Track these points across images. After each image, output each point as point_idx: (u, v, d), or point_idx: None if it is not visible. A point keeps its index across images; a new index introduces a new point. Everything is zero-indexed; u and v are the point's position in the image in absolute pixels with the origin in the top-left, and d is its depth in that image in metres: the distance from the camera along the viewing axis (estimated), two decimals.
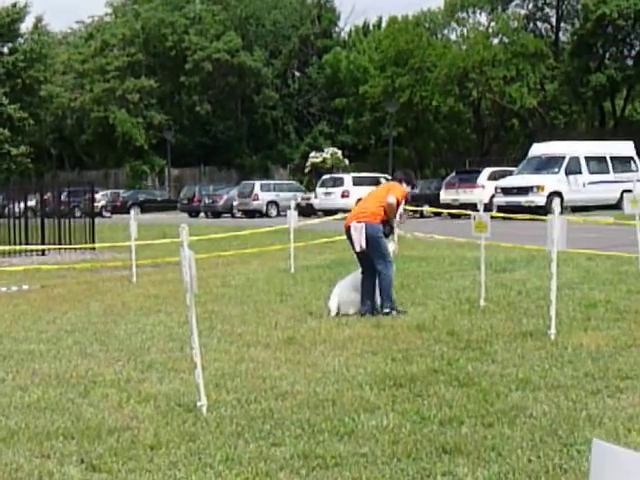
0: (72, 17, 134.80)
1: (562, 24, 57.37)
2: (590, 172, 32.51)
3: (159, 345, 8.43)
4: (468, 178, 35.43)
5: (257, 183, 44.39)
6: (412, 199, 10.87)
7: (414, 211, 28.46)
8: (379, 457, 4.95)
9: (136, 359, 7.77)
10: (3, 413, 6.12)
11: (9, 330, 9.63)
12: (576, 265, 13.59)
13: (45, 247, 20.21)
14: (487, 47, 52.78)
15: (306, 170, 53.71)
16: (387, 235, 10.06)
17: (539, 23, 58.54)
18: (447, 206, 32.05)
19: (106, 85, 63.17)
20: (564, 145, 33.76)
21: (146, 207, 51.25)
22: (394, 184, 10.39)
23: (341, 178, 40.08)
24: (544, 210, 26.82)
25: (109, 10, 71.47)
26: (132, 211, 18.91)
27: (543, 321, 8.57)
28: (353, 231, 9.84)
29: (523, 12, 57.54)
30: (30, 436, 5.54)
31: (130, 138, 62.12)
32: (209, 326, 9.29)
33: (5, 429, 5.72)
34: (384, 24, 62.95)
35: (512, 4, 57.19)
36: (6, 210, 21.42)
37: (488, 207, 25.85)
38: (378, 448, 5.09)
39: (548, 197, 30.17)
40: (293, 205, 17.13)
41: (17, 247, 19.73)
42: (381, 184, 12.88)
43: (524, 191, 31.02)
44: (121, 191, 56.06)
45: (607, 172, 32.99)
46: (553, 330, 7.99)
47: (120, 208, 49.71)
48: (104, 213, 46.80)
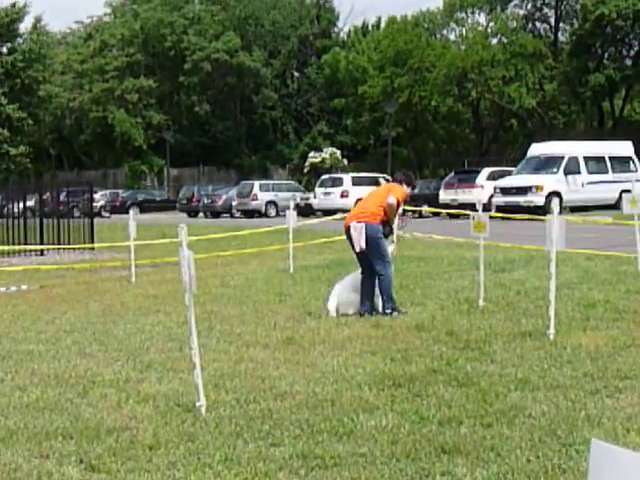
0: (71, 17, 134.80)
1: (561, 24, 57.41)
2: (589, 172, 32.52)
3: (158, 345, 8.43)
4: (467, 178, 35.44)
5: (256, 183, 44.40)
6: (411, 199, 10.86)
7: (413, 211, 28.45)
8: (378, 457, 4.95)
9: (135, 359, 7.77)
10: (2, 413, 6.12)
11: (8, 330, 9.62)
12: (575, 265, 13.59)
13: (44, 247, 20.21)
14: (486, 47, 52.79)
15: (305, 170, 53.71)
16: (387, 236, 10.06)
17: (538, 23, 58.57)
18: (446, 206, 32.07)
19: (105, 85, 63.18)
20: (563, 145, 33.77)
21: (145, 207, 51.27)
22: (394, 185, 10.39)
23: (340, 178, 40.08)
24: (543, 210, 26.84)
25: (108, 10, 71.58)
26: (131, 211, 18.92)
27: (542, 321, 8.57)
28: (353, 231, 9.83)
29: (522, 12, 57.61)
30: (29, 436, 5.54)
31: (129, 138, 62.13)
32: (208, 326, 9.29)
33: (4, 429, 5.72)
34: (383, 24, 62.98)
35: (511, 4, 57.23)
36: (5, 210, 21.42)
37: (487, 207, 25.86)
38: (377, 448, 5.09)
39: (547, 197, 30.19)
40: (292, 205, 17.13)
41: (16, 247, 19.73)
42: (381, 184, 12.87)
43: (523, 191, 31.02)
44: (120, 191, 56.08)
45: (606, 172, 33.01)
46: (552, 330, 7.99)
47: (119, 208, 49.73)
48: (103, 213, 46.81)
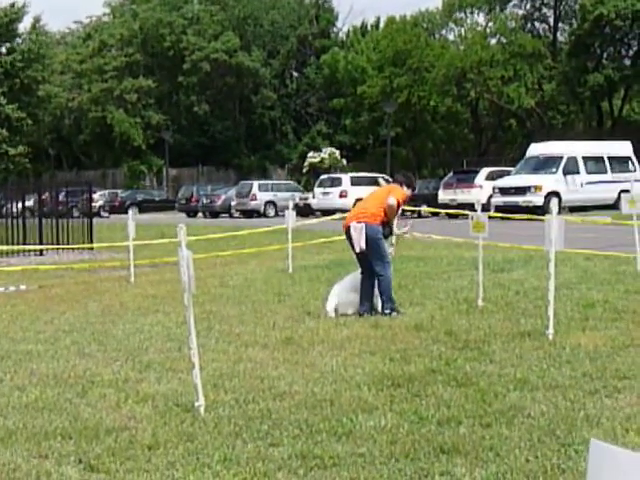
0: (70, 17, 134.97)
1: (560, 24, 57.44)
2: (588, 172, 32.52)
3: (157, 345, 8.43)
4: (466, 178, 35.45)
5: (255, 183, 44.41)
6: (410, 199, 10.86)
7: (412, 211, 28.45)
8: (377, 457, 4.95)
9: (134, 359, 7.77)
10: (1, 413, 6.11)
11: (7, 330, 9.62)
12: (574, 265, 13.60)
13: (43, 247, 20.20)
14: (485, 47, 52.82)
15: (304, 170, 53.71)
16: (386, 237, 10.06)
17: (537, 23, 58.61)
18: (445, 206, 32.07)
19: (104, 85, 63.18)
20: (562, 145, 33.77)
21: (144, 207, 51.26)
22: (395, 186, 10.39)
23: (339, 178, 40.08)
24: (542, 210, 26.87)
25: (107, 10, 71.60)
26: (130, 211, 18.92)
27: (541, 321, 8.57)
28: (353, 231, 9.83)
29: (521, 12, 57.64)
30: (28, 436, 5.54)
31: (128, 138, 62.13)
32: (207, 326, 9.29)
33: (3, 429, 5.71)
34: (382, 24, 63.01)
35: (510, 4, 57.26)
36: (4, 210, 21.42)
37: (486, 207, 25.89)
38: (376, 448, 5.09)
39: (546, 197, 30.23)
40: (291, 205, 17.12)
41: (15, 247, 19.72)
42: (380, 184, 12.87)
43: (522, 191, 31.02)
44: (119, 191, 56.09)
45: (605, 172, 33.01)
46: (551, 330, 8.00)
47: (118, 208, 49.74)
48: (102, 213, 46.81)
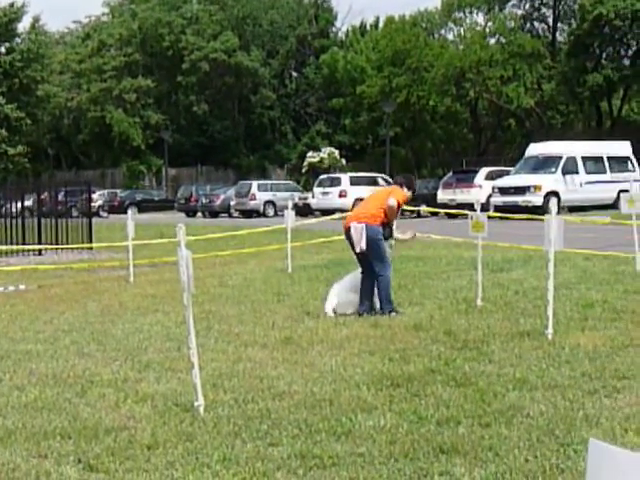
0: (69, 17, 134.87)
1: (559, 24, 57.44)
2: (587, 172, 32.53)
3: (156, 345, 8.43)
4: (465, 178, 35.43)
5: (254, 183, 44.40)
6: (409, 199, 10.85)
7: (411, 211, 28.47)
8: (376, 457, 4.95)
9: (133, 359, 7.77)
10: (0, 413, 6.12)
11: (6, 330, 9.62)
12: (573, 265, 13.60)
13: (42, 247, 20.20)
14: (484, 47, 52.82)
15: (303, 170, 53.69)
16: (387, 238, 10.07)
17: (536, 23, 58.61)
18: (444, 206, 32.06)
19: (103, 85, 63.16)
20: (561, 145, 33.78)
21: (143, 207, 51.22)
22: (395, 187, 10.44)
23: (338, 178, 40.05)
24: (541, 210, 26.87)
25: (106, 10, 71.55)
26: (129, 211, 18.89)
27: (540, 321, 8.57)
28: (353, 232, 9.84)
29: (520, 12, 57.64)
30: (27, 436, 5.54)
31: (127, 138, 62.10)
32: (206, 326, 9.29)
33: (2, 429, 5.72)
34: (381, 24, 63.00)
35: (509, 4, 57.26)
36: (3, 210, 21.41)
37: (485, 207, 25.90)
38: (375, 448, 5.10)
39: (545, 197, 30.24)
40: (290, 205, 17.12)
41: (14, 247, 19.72)
42: (379, 184, 12.90)
43: (521, 191, 31.03)
44: (118, 191, 56.06)
45: (604, 172, 33.01)
46: (550, 330, 8.00)
47: (117, 208, 49.72)
48: (101, 213, 46.77)
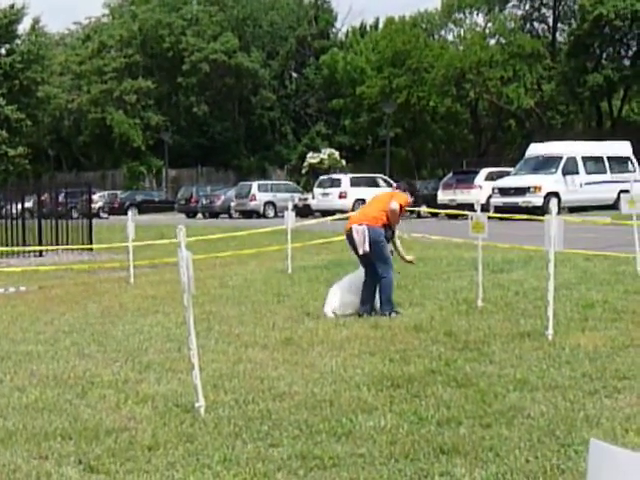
0: (69, 18, 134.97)
1: (559, 24, 57.45)
2: (587, 172, 32.51)
3: (157, 346, 8.43)
4: (465, 179, 35.43)
5: (254, 184, 44.40)
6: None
7: (411, 211, 28.46)
8: (377, 458, 4.95)
9: (134, 360, 7.77)
10: (1, 414, 6.11)
11: (7, 331, 9.62)
12: (573, 265, 13.59)
13: (42, 248, 20.21)
14: (484, 48, 52.83)
15: (303, 171, 53.70)
16: (389, 240, 10.09)
17: (536, 24, 58.62)
18: (444, 207, 32.08)
19: (103, 86, 63.19)
20: (561, 145, 33.75)
21: (143, 208, 51.26)
22: (397, 192, 10.51)
23: (338, 179, 40.03)
24: (541, 210, 26.86)
25: (106, 11, 71.60)
26: (129, 212, 18.92)
27: (541, 321, 8.57)
28: (355, 234, 9.85)
29: (520, 13, 57.66)
30: (28, 437, 5.54)
31: (127, 139, 62.13)
32: (207, 327, 9.29)
33: (3, 430, 5.71)
34: (381, 25, 63.06)
35: (509, 5, 57.28)
36: (3, 211, 21.42)
37: (485, 207, 25.90)
38: (376, 449, 5.10)
39: (545, 197, 30.22)
40: (290, 206, 17.12)
41: (15, 248, 19.72)
42: (379, 185, 12.94)
43: (521, 191, 31.01)
44: (118, 192, 56.08)
45: (604, 172, 33.00)
46: (551, 330, 8.00)
47: (117, 209, 49.74)
48: (101, 214, 46.76)
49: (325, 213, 34.18)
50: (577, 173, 32.17)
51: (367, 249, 9.79)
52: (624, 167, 33.68)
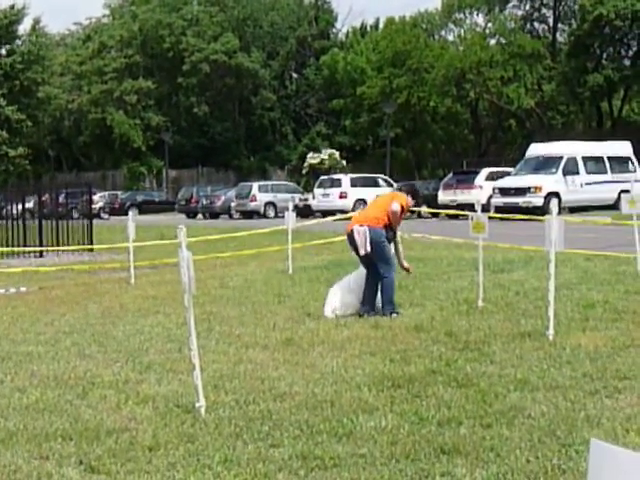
0: (70, 19, 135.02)
1: (559, 25, 57.44)
2: (588, 172, 32.52)
3: (157, 346, 8.43)
4: (466, 179, 35.42)
5: (255, 184, 44.40)
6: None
7: (412, 212, 28.45)
8: (378, 458, 4.95)
9: (134, 360, 7.77)
10: (2, 415, 6.12)
11: (7, 332, 9.62)
12: (574, 265, 13.59)
13: (43, 249, 20.21)
14: (484, 48, 52.81)
15: (304, 171, 53.70)
16: (390, 240, 10.10)
17: (536, 24, 58.61)
18: (445, 207, 32.08)
19: (104, 87, 63.19)
20: (562, 145, 33.75)
21: (144, 208, 51.28)
22: (399, 193, 10.55)
23: (339, 179, 40.03)
24: (542, 211, 26.88)
25: (107, 12, 71.57)
26: (130, 212, 18.94)
27: (541, 322, 8.57)
28: (356, 235, 9.86)
29: (520, 13, 57.64)
30: (29, 437, 5.54)
31: (128, 139, 62.12)
32: (207, 327, 9.29)
33: (4, 430, 5.72)
34: (381, 25, 63.06)
35: (509, 5, 57.27)
36: (4, 212, 21.43)
37: (486, 208, 25.90)
38: (377, 449, 5.10)
39: (546, 198, 30.22)
40: (291, 206, 17.12)
41: (15, 249, 19.72)
42: (380, 185, 12.97)
43: (522, 192, 31.01)
44: (119, 192, 56.08)
45: (605, 172, 33.00)
46: (551, 331, 8.00)
47: (118, 209, 49.75)
48: (102, 214, 46.78)
49: (325, 213, 34.19)
50: (577, 173, 32.18)
51: (369, 249, 9.80)
52: (624, 167, 33.69)
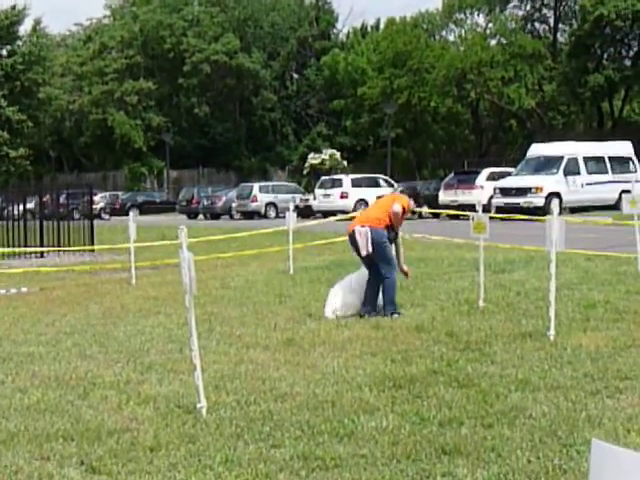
0: (70, 19, 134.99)
1: (560, 25, 57.41)
2: (588, 173, 32.51)
3: (158, 347, 8.43)
4: (467, 179, 35.41)
5: (256, 185, 44.39)
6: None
7: (412, 212, 28.44)
8: (379, 458, 4.95)
9: (135, 361, 7.77)
10: (3, 415, 6.12)
11: (8, 332, 9.63)
12: (575, 266, 13.59)
13: (44, 249, 20.21)
14: (485, 48, 52.79)
15: (305, 172, 53.70)
16: (392, 241, 10.11)
17: (537, 24, 58.58)
18: (446, 207, 32.07)
19: (104, 87, 63.18)
20: (562, 146, 33.74)
21: (145, 209, 51.26)
22: (400, 194, 10.61)
23: (340, 179, 40.03)
24: (543, 211, 26.86)
25: (107, 12, 71.56)
26: (131, 213, 18.94)
27: (542, 322, 8.57)
28: (358, 235, 9.88)
29: (521, 13, 57.61)
30: (30, 438, 5.54)
31: (129, 140, 62.12)
32: (208, 328, 9.29)
33: (5, 431, 5.72)
34: (382, 26, 63.02)
35: (510, 5, 57.23)
36: (5, 212, 21.42)
37: (487, 208, 25.88)
38: (378, 449, 5.10)
39: (546, 198, 30.19)
40: (292, 206, 17.12)
41: (16, 249, 19.71)
42: (380, 185, 13.05)
43: (522, 192, 31.01)
44: (120, 193, 56.06)
45: (605, 172, 33.00)
46: (552, 331, 8.00)
47: (119, 210, 49.72)
48: (103, 215, 46.79)
49: (326, 214, 34.19)
50: (578, 173, 32.17)
51: (370, 250, 9.82)
52: (625, 167, 33.68)
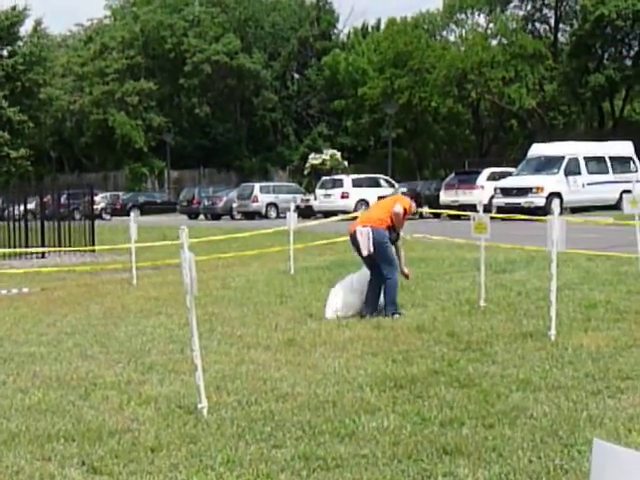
0: (71, 20, 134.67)
1: (561, 25, 57.38)
2: (589, 173, 32.50)
3: (159, 347, 8.43)
4: (467, 179, 35.41)
5: (256, 185, 44.37)
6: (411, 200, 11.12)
7: (414, 213, 28.44)
8: (380, 458, 4.95)
9: (136, 361, 7.77)
10: (4, 416, 6.12)
11: (9, 333, 9.63)
12: (576, 266, 13.59)
13: (45, 250, 20.22)
14: (486, 48, 52.77)
15: (305, 172, 53.70)
16: (393, 242, 10.11)
17: (538, 24, 58.55)
18: (446, 207, 32.07)
19: (105, 88, 63.18)
20: (563, 146, 33.73)
21: (146, 209, 51.26)
22: (401, 196, 10.64)
23: (340, 180, 40.03)
24: (543, 211, 26.84)
25: (108, 13, 71.57)
26: (132, 213, 18.94)
27: (543, 322, 8.57)
28: (359, 236, 9.88)
29: (522, 13, 57.56)
30: (31, 438, 5.54)
31: (129, 140, 62.12)
32: (209, 328, 9.29)
33: (6, 432, 5.72)
34: (383, 26, 63.00)
35: (511, 5, 57.20)
36: (6, 213, 21.44)
37: (487, 208, 25.88)
38: (379, 449, 5.10)
39: (547, 198, 30.16)
40: (292, 207, 17.12)
41: (17, 250, 19.74)
42: (381, 186, 13.09)
43: (523, 192, 31.01)
44: (121, 193, 56.05)
45: (606, 172, 32.99)
46: (553, 331, 8.00)
47: (120, 210, 49.70)
48: (104, 215, 46.78)
49: (327, 214, 34.18)
50: (579, 173, 32.17)
51: (372, 250, 9.82)
52: (626, 167, 33.67)
